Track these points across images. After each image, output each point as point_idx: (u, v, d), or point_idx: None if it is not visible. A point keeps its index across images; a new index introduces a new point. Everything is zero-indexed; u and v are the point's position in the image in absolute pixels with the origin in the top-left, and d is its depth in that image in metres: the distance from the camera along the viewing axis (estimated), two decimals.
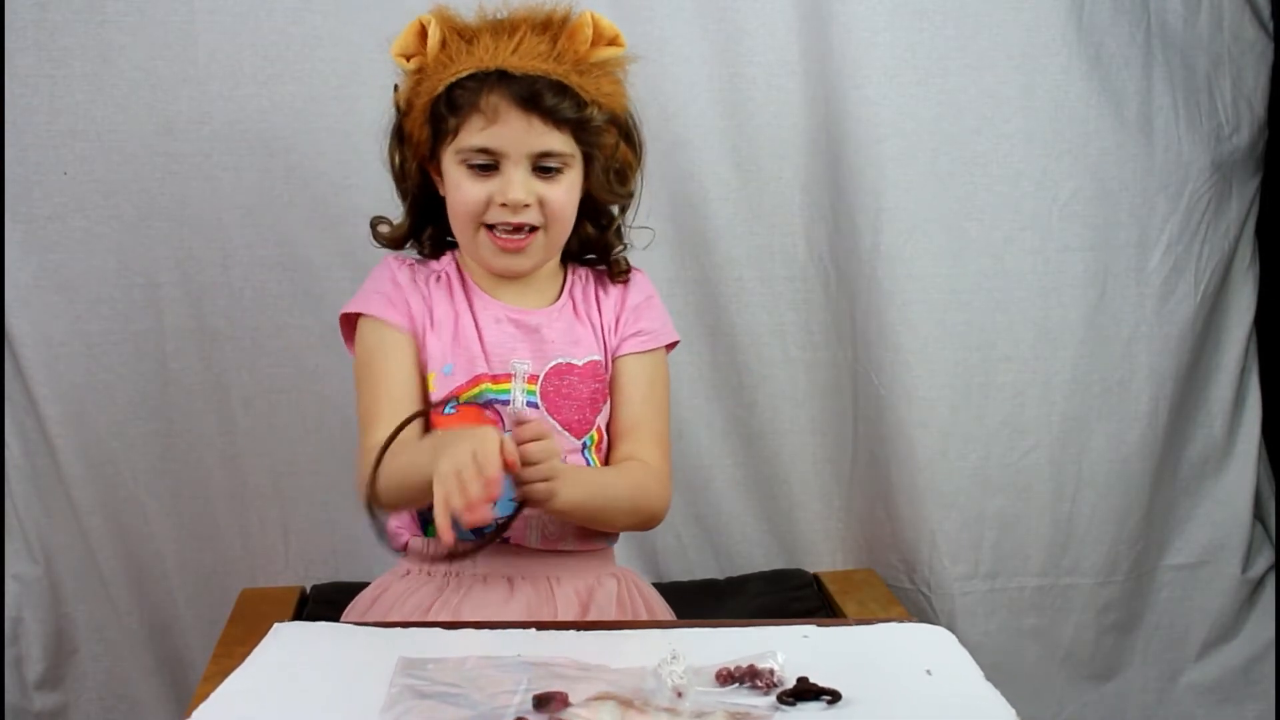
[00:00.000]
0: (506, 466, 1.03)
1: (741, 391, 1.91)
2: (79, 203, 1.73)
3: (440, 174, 1.27)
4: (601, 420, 1.31)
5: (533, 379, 1.27)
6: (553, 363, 1.28)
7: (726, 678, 0.91)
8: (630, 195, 1.32)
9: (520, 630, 1.03)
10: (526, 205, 1.21)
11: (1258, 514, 2.04)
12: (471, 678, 0.92)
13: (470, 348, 1.27)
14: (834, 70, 1.80)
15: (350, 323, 1.32)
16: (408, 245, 1.37)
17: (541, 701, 0.87)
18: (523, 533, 1.26)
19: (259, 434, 1.83)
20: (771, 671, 0.91)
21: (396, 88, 1.29)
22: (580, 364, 1.29)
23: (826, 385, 1.93)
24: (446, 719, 0.86)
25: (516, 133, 1.20)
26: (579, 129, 1.23)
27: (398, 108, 1.29)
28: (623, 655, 0.96)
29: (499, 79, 1.19)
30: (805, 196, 1.87)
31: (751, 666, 0.92)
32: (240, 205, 1.76)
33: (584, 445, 1.29)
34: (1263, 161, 1.94)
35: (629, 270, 1.36)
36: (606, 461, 1.31)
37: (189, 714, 0.90)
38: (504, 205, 1.21)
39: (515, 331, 1.28)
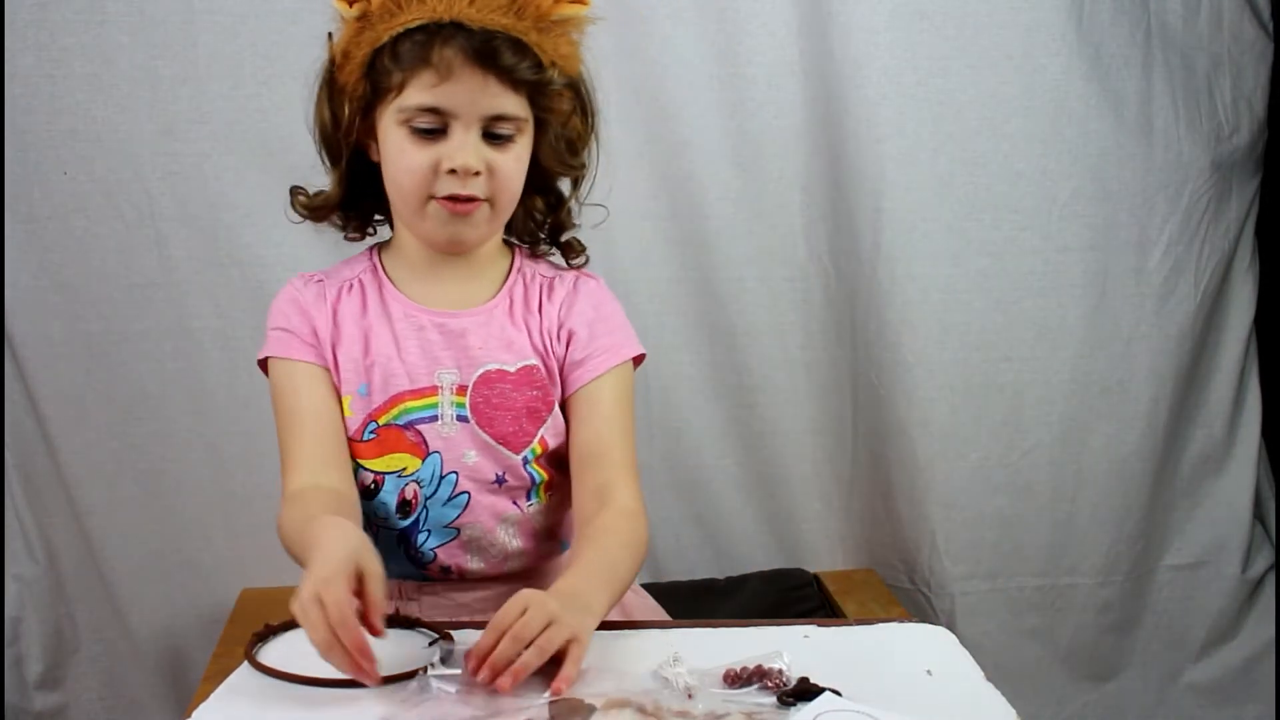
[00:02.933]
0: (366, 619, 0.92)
1: (741, 391, 1.91)
2: (79, 203, 1.73)
3: (373, 138, 1.14)
4: (547, 433, 1.18)
5: (461, 389, 1.16)
6: (480, 370, 1.16)
7: (734, 679, 0.91)
8: (583, 168, 1.20)
9: None
10: (477, 173, 1.09)
11: (1258, 514, 2.04)
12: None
13: (386, 364, 1.16)
14: (834, 70, 1.80)
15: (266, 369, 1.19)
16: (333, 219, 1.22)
17: (561, 708, 0.86)
18: (463, 562, 1.19)
19: (259, 433, 1.82)
20: (780, 671, 0.91)
21: (331, 36, 1.15)
22: (513, 370, 1.16)
23: (826, 385, 1.93)
24: (462, 717, 0.86)
25: (470, 92, 1.08)
26: (536, 92, 1.11)
27: (332, 60, 1.14)
28: (622, 656, 0.96)
29: (452, 32, 1.07)
30: (805, 196, 1.87)
31: (759, 667, 0.91)
32: (240, 205, 1.76)
33: (524, 460, 1.17)
34: (1263, 161, 1.94)
35: (584, 252, 1.23)
36: (570, 488, 1.16)
37: (189, 714, 0.90)
38: (452, 172, 1.09)
39: (438, 339, 1.16)
